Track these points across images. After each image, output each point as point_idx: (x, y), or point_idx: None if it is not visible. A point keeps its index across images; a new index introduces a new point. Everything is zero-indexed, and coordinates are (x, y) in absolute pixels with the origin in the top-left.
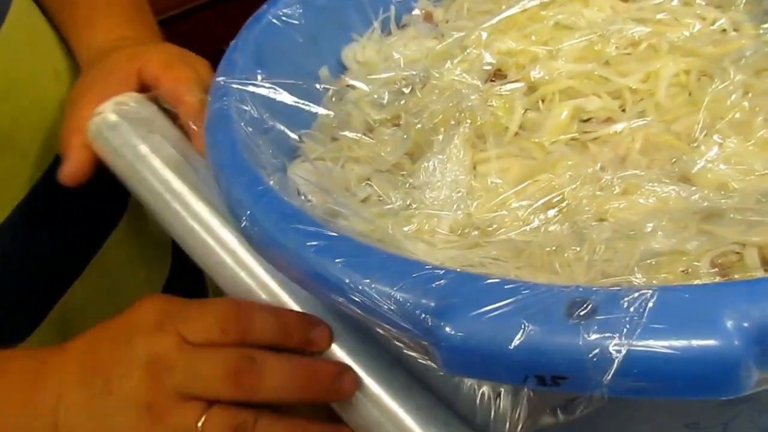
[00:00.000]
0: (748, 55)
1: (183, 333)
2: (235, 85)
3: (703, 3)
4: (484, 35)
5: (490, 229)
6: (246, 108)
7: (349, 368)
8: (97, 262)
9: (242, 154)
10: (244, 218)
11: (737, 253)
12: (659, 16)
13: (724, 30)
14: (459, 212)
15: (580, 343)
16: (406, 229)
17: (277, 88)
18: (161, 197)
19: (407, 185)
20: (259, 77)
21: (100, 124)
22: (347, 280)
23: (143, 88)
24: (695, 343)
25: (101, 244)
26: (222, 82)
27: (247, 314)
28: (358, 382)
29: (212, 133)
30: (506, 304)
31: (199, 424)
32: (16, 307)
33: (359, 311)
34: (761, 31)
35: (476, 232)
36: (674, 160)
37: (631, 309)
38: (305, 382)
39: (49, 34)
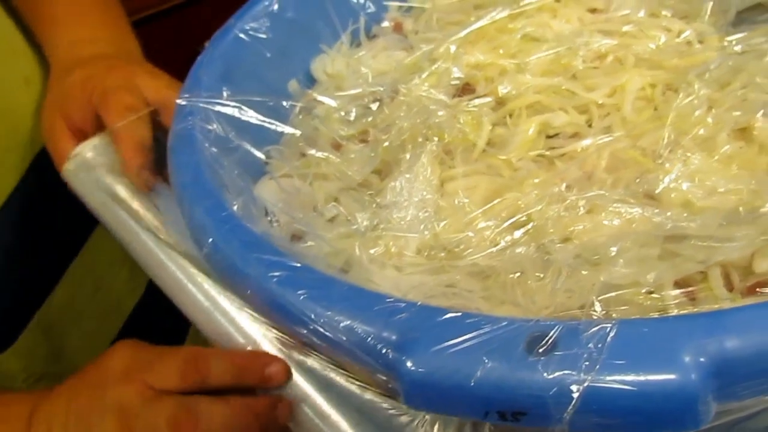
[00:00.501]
0: (712, 68)
1: (148, 381)
2: (200, 104)
3: (669, 14)
4: (453, 48)
5: (458, 249)
6: (211, 127)
7: (281, 399)
8: (79, 264)
9: (206, 177)
10: (206, 245)
11: (701, 272)
12: (626, 28)
13: (690, 42)
14: (426, 232)
15: (540, 379)
16: (372, 251)
17: (243, 106)
18: (137, 237)
19: (374, 205)
20: (225, 95)
21: (78, 165)
22: (309, 313)
23: (97, 116)
24: (654, 378)
25: (81, 246)
26: (187, 101)
27: (206, 361)
28: (291, 411)
29: (176, 155)
30: (467, 339)
31: None
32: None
33: (321, 344)
34: (726, 43)
35: (443, 254)
36: (638, 179)
37: (591, 344)
38: (243, 420)
39: (19, 42)
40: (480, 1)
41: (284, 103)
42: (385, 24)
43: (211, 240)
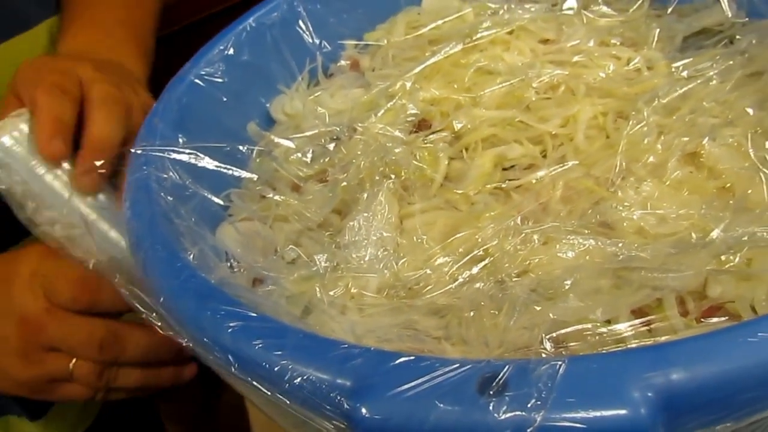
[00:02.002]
0: (661, 95)
1: (50, 297)
2: (155, 153)
3: (618, 43)
4: (409, 84)
5: (417, 287)
6: (167, 176)
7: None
8: None
9: (161, 228)
10: (161, 297)
11: (657, 299)
12: (576, 58)
13: (639, 69)
14: (386, 271)
15: (492, 421)
16: (332, 292)
17: (199, 152)
18: None
19: (334, 245)
20: (181, 141)
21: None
22: (264, 363)
23: None
24: (604, 414)
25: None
26: (141, 150)
27: (99, 286)
28: None
29: (131, 206)
30: (421, 383)
31: (71, 366)
32: None
33: (278, 394)
34: (673, 69)
35: (403, 293)
36: (591, 210)
37: (541, 383)
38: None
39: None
40: (434, 37)
41: (241, 147)
42: (342, 62)
43: (166, 291)
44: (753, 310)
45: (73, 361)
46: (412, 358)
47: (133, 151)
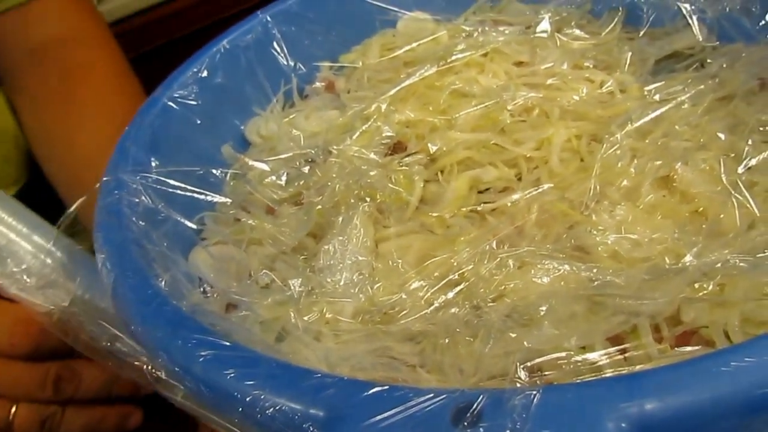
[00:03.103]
0: (633, 118)
1: None
2: (127, 177)
3: (591, 66)
4: (384, 106)
5: (392, 311)
6: (139, 200)
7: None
8: None
9: (132, 254)
10: (132, 325)
11: (632, 325)
12: (550, 81)
13: (612, 92)
14: (361, 296)
15: None
16: (307, 318)
17: (172, 176)
18: None
19: (308, 269)
20: (154, 165)
21: None
22: (236, 393)
23: None
24: None
25: None
26: (113, 175)
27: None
28: None
29: (101, 232)
30: (395, 414)
31: (10, 416)
32: None
33: (249, 424)
34: (646, 93)
35: (378, 318)
36: (566, 234)
37: (515, 414)
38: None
39: None
40: (409, 59)
41: (215, 171)
42: (317, 84)
43: (136, 321)
44: (726, 335)
45: (13, 409)
46: (386, 387)
47: (104, 178)
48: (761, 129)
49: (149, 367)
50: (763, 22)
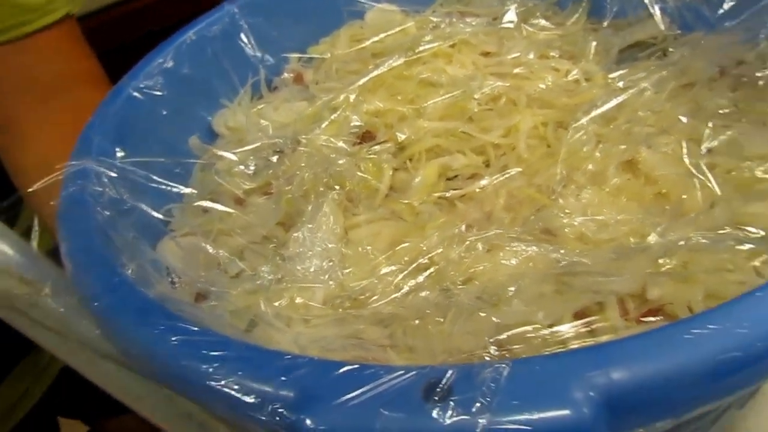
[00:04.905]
0: (598, 105)
1: None
2: (91, 166)
3: (557, 55)
4: (352, 96)
5: (363, 297)
6: (104, 190)
7: None
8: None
9: (97, 242)
10: (98, 314)
11: (599, 303)
12: (517, 70)
13: (577, 81)
14: (331, 282)
15: (437, 426)
16: (277, 304)
17: (138, 166)
18: None
19: (278, 257)
20: (119, 155)
21: None
22: (205, 377)
23: None
24: (548, 416)
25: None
26: (77, 164)
27: None
28: None
29: (65, 222)
30: (365, 392)
31: None
32: None
33: (221, 407)
34: (610, 80)
35: (348, 303)
36: (533, 217)
37: (485, 387)
38: None
39: None
40: (377, 50)
41: (183, 161)
42: (286, 76)
43: (103, 307)
44: (690, 310)
45: None
46: (356, 366)
47: (68, 165)
48: (721, 113)
49: None
50: (722, 10)
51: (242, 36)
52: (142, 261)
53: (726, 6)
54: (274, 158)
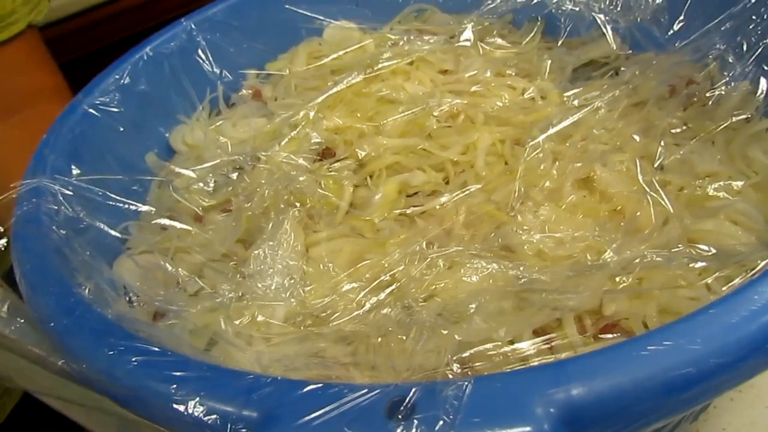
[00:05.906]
0: (554, 123)
1: None
2: (46, 184)
3: (513, 73)
4: (312, 113)
5: (324, 315)
6: (59, 208)
7: None
8: None
9: (52, 262)
10: (54, 336)
11: (557, 319)
12: (474, 88)
13: (533, 98)
14: (292, 300)
15: None
16: (237, 322)
17: (94, 184)
18: None
19: (239, 275)
20: (75, 173)
21: None
22: (167, 398)
23: None
24: None
25: None
26: (31, 182)
27: None
28: None
29: (19, 241)
30: (329, 411)
31: None
32: None
33: (183, 428)
34: (565, 99)
35: (310, 321)
36: (493, 234)
37: (448, 405)
38: None
39: None
40: (336, 67)
41: (140, 178)
42: (244, 92)
43: (58, 330)
44: (645, 325)
45: None
46: (320, 385)
47: (22, 183)
48: (672, 132)
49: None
50: (671, 31)
51: (199, 52)
52: (99, 280)
53: (676, 27)
54: (234, 175)
